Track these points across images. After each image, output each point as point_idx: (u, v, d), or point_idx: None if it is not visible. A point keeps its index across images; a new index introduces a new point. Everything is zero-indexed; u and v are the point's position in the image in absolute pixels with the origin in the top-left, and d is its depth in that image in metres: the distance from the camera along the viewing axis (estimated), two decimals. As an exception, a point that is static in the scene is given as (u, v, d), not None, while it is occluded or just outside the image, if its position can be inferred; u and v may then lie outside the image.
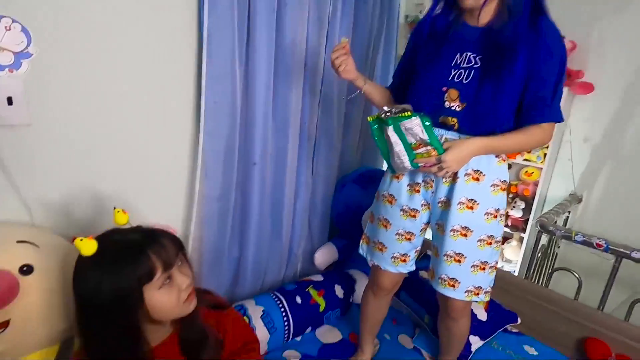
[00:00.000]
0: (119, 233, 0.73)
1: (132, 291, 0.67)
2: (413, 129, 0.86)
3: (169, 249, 0.72)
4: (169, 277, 0.71)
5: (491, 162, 0.97)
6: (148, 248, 0.69)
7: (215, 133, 1.16)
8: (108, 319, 0.68)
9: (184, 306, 0.74)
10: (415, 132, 0.87)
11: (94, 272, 0.67)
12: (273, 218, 1.46)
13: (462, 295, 1.02)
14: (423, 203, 1.04)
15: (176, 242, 0.75)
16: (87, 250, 0.66)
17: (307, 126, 1.46)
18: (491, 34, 0.91)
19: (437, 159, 0.90)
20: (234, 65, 1.15)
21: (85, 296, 0.68)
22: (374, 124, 0.93)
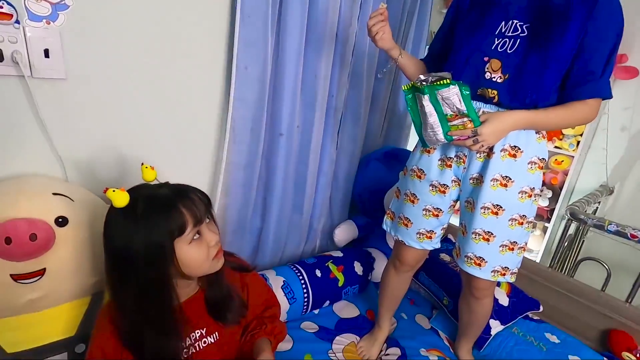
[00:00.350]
0: (148, 188, 0.72)
1: (163, 245, 0.67)
2: (450, 98, 0.82)
3: (199, 204, 0.71)
4: (198, 233, 0.71)
5: (530, 138, 0.92)
6: (179, 202, 0.68)
7: (245, 99, 1.14)
8: (139, 272, 0.68)
9: (213, 262, 0.75)
10: (452, 102, 0.83)
11: (126, 225, 0.67)
12: (295, 191, 1.45)
13: (488, 275, 0.99)
14: (453, 179, 1.01)
15: (205, 199, 0.75)
16: (119, 202, 0.66)
17: (335, 99, 1.43)
18: (541, 1, 0.85)
19: (473, 132, 0.86)
20: (266, 31, 1.12)
21: (116, 249, 0.69)
22: (409, 93, 0.89)
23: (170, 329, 0.72)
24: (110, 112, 0.97)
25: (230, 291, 0.84)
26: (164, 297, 0.71)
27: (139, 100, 1.01)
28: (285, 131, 1.28)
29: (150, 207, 0.68)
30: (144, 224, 0.66)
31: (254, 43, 1.11)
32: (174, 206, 0.68)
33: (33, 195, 0.79)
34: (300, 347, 1.18)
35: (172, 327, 0.72)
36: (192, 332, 0.80)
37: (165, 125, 1.08)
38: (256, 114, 1.19)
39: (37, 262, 0.76)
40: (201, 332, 0.81)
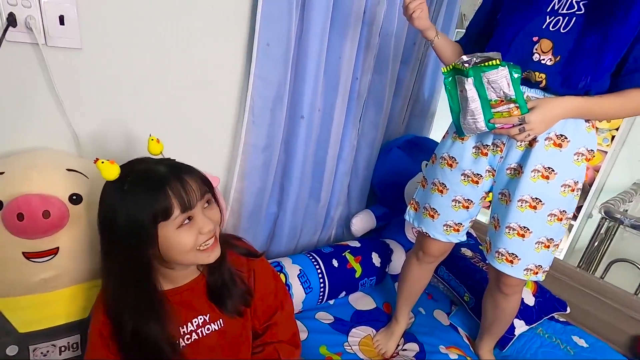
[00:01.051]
0: (146, 163, 0.68)
1: (144, 225, 0.62)
2: (498, 81, 0.75)
3: (192, 188, 0.66)
4: (189, 218, 0.66)
5: (579, 127, 0.84)
6: (168, 185, 0.63)
7: (266, 78, 1.08)
8: (120, 249, 0.65)
9: (200, 254, 0.68)
10: (499, 86, 0.76)
11: (113, 198, 0.64)
12: (313, 178, 1.40)
13: (520, 273, 0.93)
14: (488, 169, 0.94)
15: (204, 183, 0.69)
16: (107, 174, 0.63)
17: (359, 83, 1.36)
18: None
19: (520, 120, 0.79)
20: (291, 7, 1.05)
21: (102, 221, 0.67)
22: (449, 75, 0.82)
23: (149, 314, 0.68)
24: (126, 87, 0.92)
25: (233, 277, 0.79)
26: (142, 279, 0.67)
27: (155, 76, 0.96)
28: (306, 114, 1.22)
29: (137, 183, 0.63)
30: (129, 200, 0.63)
31: (277, 19, 1.04)
32: (161, 188, 0.63)
33: (46, 171, 0.75)
34: (315, 337, 1.14)
35: (152, 311, 0.68)
36: (193, 318, 0.76)
37: (183, 103, 1.03)
38: (277, 94, 1.13)
39: (50, 240, 0.73)
40: (204, 318, 0.77)
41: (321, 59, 1.19)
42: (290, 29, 1.08)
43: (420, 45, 1.54)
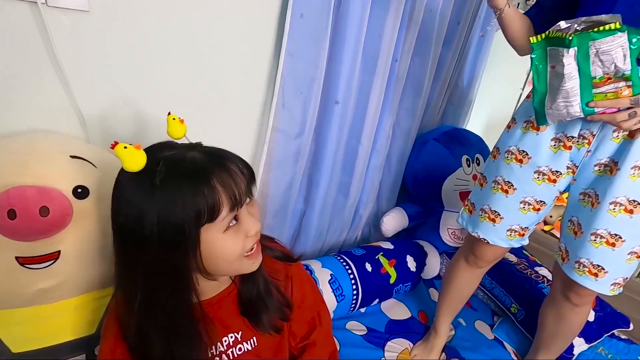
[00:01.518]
0: (175, 148, 0.53)
1: (185, 229, 0.48)
2: (612, 52, 0.59)
3: (240, 179, 0.52)
4: (235, 218, 0.53)
5: None
6: (215, 174, 0.49)
7: (298, 55, 0.94)
8: (149, 260, 0.50)
9: (246, 262, 0.56)
10: (610, 59, 0.60)
11: (139, 196, 0.49)
12: (344, 171, 1.25)
13: (606, 289, 0.79)
14: (568, 165, 0.79)
15: (249, 172, 0.55)
16: (132, 164, 0.48)
17: (398, 65, 1.20)
18: None
19: (633, 101, 0.63)
20: None
21: (124, 226, 0.51)
22: (538, 47, 0.66)
23: (184, 336, 0.55)
24: (141, 60, 0.78)
25: (269, 286, 0.66)
26: (178, 295, 0.54)
27: (173, 46, 0.81)
28: (341, 98, 1.07)
29: (173, 175, 0.49)
30: (163, 197, 0.48)
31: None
32: (205, 179, 0.49)
33: (46, 157, 0.62)
34: (348, 352, 1.01)
35: (188, 333, 0.55)
36: (223, 336, 0.63)
37: (204, 80, 0.88)
38: (311, 74, 0.98)
39: (49, 242, 0.60)
40: (235, 336, 0.64)
41: (360, 36, 1.04)
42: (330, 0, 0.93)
43: (464, 25, 1.38)
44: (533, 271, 1.27)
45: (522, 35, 0.86)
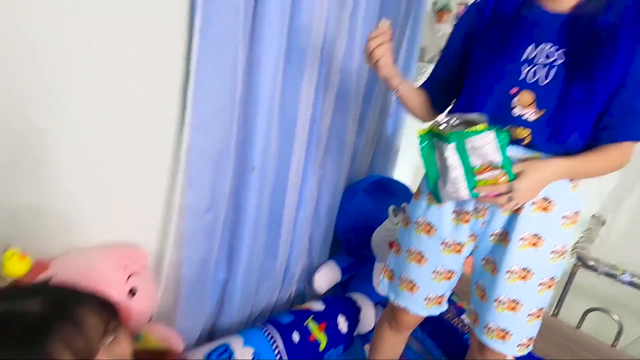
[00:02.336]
0: (9, 297, 0.44)
1: None
2: (484, 148, 0.63)
3: (90, 327, 0.45)
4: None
5: (564, 189, 0.76)
6: (54, 332, 0.42)
7: (206, 130, 0.89)
8: None
9: None
10: (484, 153, 0.64)
11: None
12: (269, 233, 1.20)
13: (513, 350, 0.81)
14: (469, 234, 0.82)
15: (107, 310, 0.48)
16: None
17: (319, 124, 1.21)
18: (581, 21, 0.68)
19: (508, 188, 0.67)
20: (235, 46, 0.88)
21: None
22: (425, 139, 0.69)
23: None
24: (26, 139, 0.68)
25: None
26: None
27: (64, 123, 0.72)
28: (258, 164, 1.04)
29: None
30: None
31: (217, 60, 0.86)
32: (42, 341, 0.41)
33: None
34: None
35: None
36: None
37: (101, 160, 0.80)
38: (222, 145, 0.94)
39: None
40: None
41: (274, 102, 1.03)
42: (236, 71, 0.90)
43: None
44: (459, 320, 1.29)
45: (421, 109, 0.90)
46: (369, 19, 1.21)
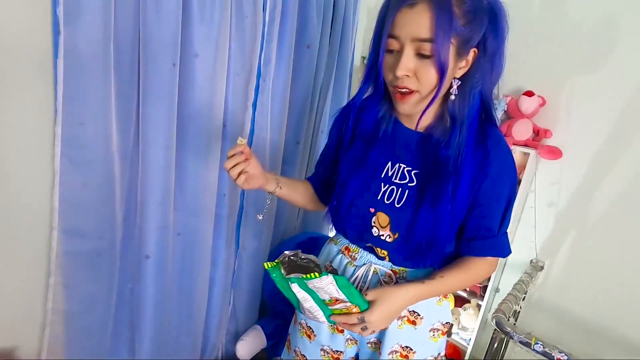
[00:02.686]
0: None
1: None
2: (325, 287, 0.62)
3: None
4: None
5: (430, 303, 0.76)
6: None
7: (77, 231, 0.86)
8: None
9: None
10: (328, 291, 0.63)
11: None
12: (180, 316, 1.17)
13: None
14: (349, 338, 0.81)
15: None
16: None
17: (228, 199, 1.18)
18: (430, 144, 0.68)
19: (359, 319, 0.65)
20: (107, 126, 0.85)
21: None
22: (273, 272, 0.67)
23: None
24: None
25: None
26: None
27: None
28: (153, 252, 1.01)
29: None
30: None
31: (89, 150, 0.84)
32: None
33: None
34: None
35: None
36: None
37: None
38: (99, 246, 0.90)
39: None
40: None
41: (169, 185, 1.00)
42: (111, 158, 0.88)
43: (305, 144, 1.42)
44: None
45: (308, 202, 0.88)
46: (279, 88, 1.20)
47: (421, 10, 0.55)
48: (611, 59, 1.51)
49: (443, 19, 0.54)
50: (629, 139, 1.49)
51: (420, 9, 0.55)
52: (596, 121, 1.56)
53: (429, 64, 0.58)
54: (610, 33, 1.49)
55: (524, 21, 1.67)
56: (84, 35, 0.76)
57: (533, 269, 1.72)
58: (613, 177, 1.56)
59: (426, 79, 0.59)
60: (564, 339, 1.77)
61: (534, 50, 1.66)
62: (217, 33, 0.96)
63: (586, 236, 1.66)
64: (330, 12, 1.27)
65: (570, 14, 1.58)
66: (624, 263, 1.56)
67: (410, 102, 0.63)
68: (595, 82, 1.55)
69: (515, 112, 1.64)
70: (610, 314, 1.62)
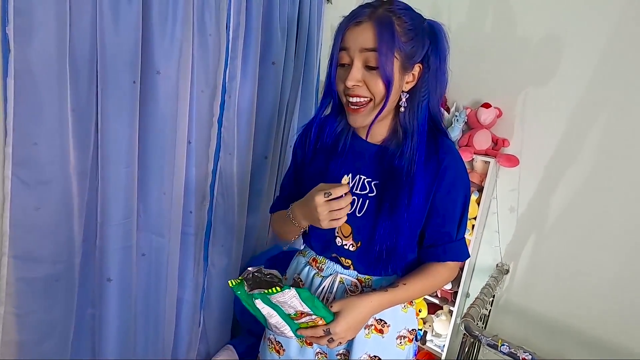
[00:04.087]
0: None
1: None
2: (288, 301, 0.62)
3: None
4: None
5: (396, 310, 0.77)
6: None
7: (31, 256, 0.81)
8: None
9: None
10: (292, 305, 0.63)
11: None
12: (147, 338, 1.12)
13: None
14: (319, 352, 0.81)
15: None
16: None
17: (195, 214, 1.16)
18: (386, 156, 0.71)
19: (325, 331, 0.66)
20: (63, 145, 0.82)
21: None
22: (237, 289, 0.67)
23: None
24: None
25: None
26: None
27: None
28: (115, 275, 0.97)
29: None
30: None
31: (46, 168, 0.81)
32: None
33: None
34: None
35: None
36: None
37: None
38: (56, 272, 0.86)
39: None
40: None
41: (132, 205, 0.97)
42: (68, 177, 0.85)
43: (274, 157, 1.43)
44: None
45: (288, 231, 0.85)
46: (244, 105, 1.20)
47: (366, 27, 0.62)
48: (557, 73, 1.63)
49: (386, 34, 0.61)
50: (578, 145, 1.61)
51: (366, 25, 0.62)
52: (548, 130, 1.68)
53: (376, 75, 0.63)
54: (554, 50, 1.61)
55: (479, 40, 1.79)
56: (37, 54, 0.74)
57: (499, 273, 1.79)
58: (566, 181, 1.67)
59: (375, 88, 0.64)
60: (531, 340, 1.84)
61: (490, 65, 1.78)
62: (179, 50, 0.96)
63: (545, 238, 1.75)
64: (294, 30, 1.30)
65: (518, 32, 1.70)
66: (581, 262, 1.65)
67: (363, 113, 0.67)
68: (545, 94, 1.67)
69: (474, 123, 1.73)
70: (572, 312, 1.70)
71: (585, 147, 1.60)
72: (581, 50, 1.56)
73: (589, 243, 1.63)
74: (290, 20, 1.27)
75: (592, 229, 1.61)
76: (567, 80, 1.61)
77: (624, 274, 1.55)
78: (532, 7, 1.66)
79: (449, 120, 1.82)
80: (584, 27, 1.55)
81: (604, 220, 1.58)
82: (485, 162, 1.74)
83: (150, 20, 0.89)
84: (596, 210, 1.59)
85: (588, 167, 1.61)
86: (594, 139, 1.57)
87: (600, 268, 1.60)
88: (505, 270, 1.84)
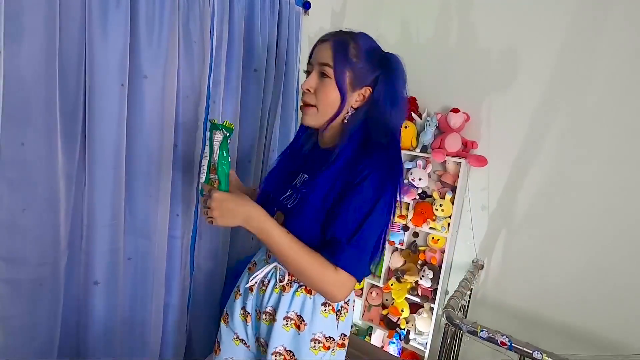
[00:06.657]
0: None
1: None
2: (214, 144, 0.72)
3: None
4: None
5: (315, 310, 0.77)
6: None
7: (15, 258, 0.80)
8: None
9: None
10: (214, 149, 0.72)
11: None
12: (132, 347, 1.10)
13: None
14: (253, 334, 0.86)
15: None
16: None
17: (182, 217, 1.17)
18: (325, 158, 0.77)
19: (208, 190, 0.71)
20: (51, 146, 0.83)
21: None
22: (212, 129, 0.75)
23: None
24: None
25: None
26: None
27: None
28: (102, 277, 0.96)
29: None
30: None
31: (35, 166, 0.81)
32: None
33: None
34: None
35: None
36: None
37: None
38: (41, 275, 0.85)
39: None
40: None
41: (119, 211, 0.98)
42: (56, 178, 0.85)
43: (257, 161, 1.47)
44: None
45: None
46: (229, 112, 1.24)
47: (328, 45, 0.75)
48: (515, 80, 1.78)
49: (340, 52, 0.74)
50: (538, 145, 1.75)
51: (327, 43, 0.76)
52: (511, 132, 1.82)
53: (328, 84, 0.74)
54: (511, 60, 1.77)
55: (446, 52, 1.93)
56: (26, 57, 0.76)
57: (475, 268, 1.88)
58: (530, 179, 1.80)
59: (323, 95, 0.75)
60: (507, 331, 1.93)
61: (457, 74, 1.91)
62: (166, 56, 0.99)
63: (515, 234, 1.87)
64: (274, 39, 1.37)
65: (479, 44, 1.85)
66: (549, 256, 1.77)
67: (309, 113, 0.78)
68: (507, 100, 1.81)
69: (445, 127, 1.84)
70: (542, 303, 1.81)
71: (545, 147, 1.74)
72: (536, 60, 1.72)
73: (556, 237, 1.75)
74: (270, 29, 1.34)
75: (558, 224, 1.74)
76: (525, 87, 1.76)
77: (588, 266, 1.68)
78: (491, 23, 1.82)
79: (421, 125, 1.93)
80: (537, 39, 1.71)
81: (568, 215, 1.71)
82: (457, 163, 1.86)
83: (137, 26, 0.93)
84: (560, 206, 1.72)
85: (548, 165, 1.75)
86: (553, 139, 1.71)
87: (568, 261, 1.72)
88: (480, 266, 1.93)
